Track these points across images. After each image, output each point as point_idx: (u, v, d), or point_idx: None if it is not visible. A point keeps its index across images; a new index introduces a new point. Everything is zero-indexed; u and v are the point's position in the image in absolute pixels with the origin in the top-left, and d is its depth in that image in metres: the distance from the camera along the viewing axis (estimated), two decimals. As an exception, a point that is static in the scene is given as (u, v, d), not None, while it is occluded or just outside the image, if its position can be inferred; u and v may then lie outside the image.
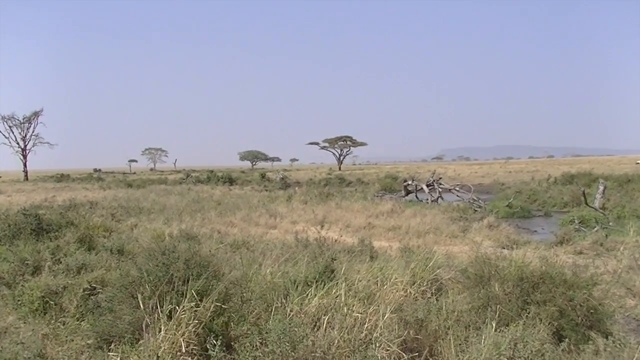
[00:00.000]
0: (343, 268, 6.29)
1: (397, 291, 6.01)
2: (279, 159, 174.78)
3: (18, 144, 77.77)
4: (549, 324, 4.92)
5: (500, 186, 38.11)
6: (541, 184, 34.57)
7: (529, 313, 5.08)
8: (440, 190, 26.62)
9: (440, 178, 29.08)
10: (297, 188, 35.64)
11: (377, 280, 6.19)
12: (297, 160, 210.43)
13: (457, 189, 27.25)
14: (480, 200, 24.34)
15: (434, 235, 13.91)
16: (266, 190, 36.00)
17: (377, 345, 4.39)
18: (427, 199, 25.85)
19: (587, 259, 9.76)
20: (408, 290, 6.12)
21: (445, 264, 7.39)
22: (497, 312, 5.05)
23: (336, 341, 4.40)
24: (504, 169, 67.10)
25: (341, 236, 10.69)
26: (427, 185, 27.18)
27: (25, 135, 78.05)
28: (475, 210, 21.03)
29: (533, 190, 28.69)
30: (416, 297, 6.09)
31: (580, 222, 15.77)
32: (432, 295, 6.12)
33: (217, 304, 4.93)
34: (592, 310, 5.20)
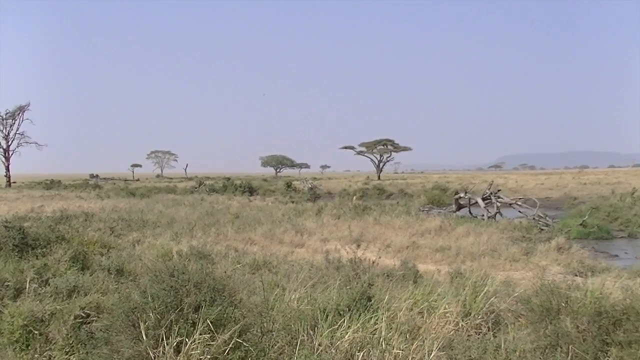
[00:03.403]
0: (385, 296, 6.22)
1: (445, 324, 5.92)
2: (307, 166, 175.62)
3: None
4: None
5: (572, 201, 37.32)
6: (624, 198, 33.53)
7: (608, 356, 4.93)
8: (498, 204, 26.19)
9: (498, 190, 28.62)
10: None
11: (422, 311, 6.12)
12: (328, 167, 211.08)
13: (519, 203, 26.77)
14: (547, 218, 23.84)
15: (491, 258, 13.70)
16: (292, 202, 36.15)
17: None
18: (483, 215, 25.47)
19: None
20: (459, 324, 6.02)
21: (504, 293, 7.25)
22: (569, 354, 4.92)
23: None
24: (576, 180, 65.61)
25: (380, 257, 10.62)
26: (483, 199, 26.78)
27: (8, 134, 76.28)
28: (541, 230, 20.63)
29: (613, 207, 27.91)
30: (469, 332, 5.99)
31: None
32: (488, 330, 6.01)
33: (234, 338, 4.92)
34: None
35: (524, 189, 52.63)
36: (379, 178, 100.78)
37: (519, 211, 26.00)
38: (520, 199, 28.07)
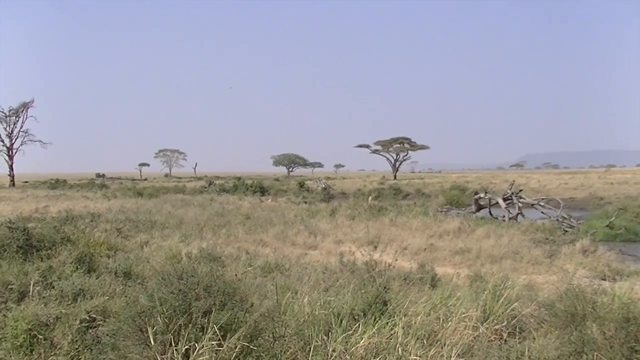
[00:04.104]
0: (402, 300, 6.20)
1: (465, 329, 5.89)
2: (320, 165, 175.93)
3: (2, 141, 76.05)
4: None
5: (598, 201, 36.99)
6: (653, 198, 33.25)
7: (637, 364, 4.86)
8: (520, 205, 26.00)
9: (520, 190, 28.43)
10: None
11: (440, 315, 6.08)
12: (342, 166, 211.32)
13: (542, 204, 26.56)
14: (571, 219, 23.64)
15: (512, 261, 13.61)
16: (305, 203, 36.16)
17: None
18: (504, 216, 25.29)
19: None
20: (479, 329, 5.97)
21: (527, 297, 7.19)
22: (595, 361, 4.86)
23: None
24: (603, 180, 65.04)
25: (396, 260, 10.58)
26: (504, 199, 26.61)
27: (12, 132, 76.12)
28: (566, 231, 20.45)
29: (642, 207, 27.60)
30: (489, 337, 5.95)
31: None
32: (509, 337, 5.97)
33: (244, 343, 4.93)
34: None
35: (547, 189, 52.26)
36: (395, 178, 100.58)
37: (542, 212, 25.81)
38: (543, 199, 27.86)
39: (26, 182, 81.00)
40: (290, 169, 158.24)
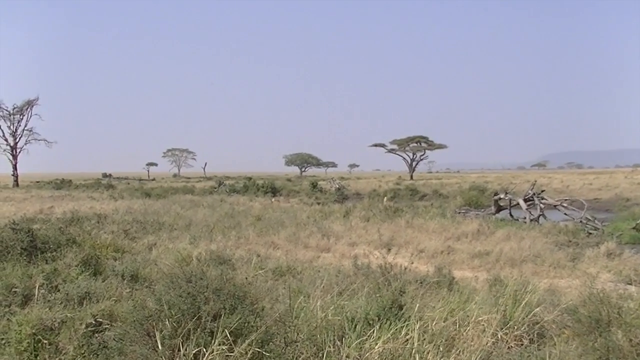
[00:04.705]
0: (418, 304, 6.18)
1: (483, 335, 5.86)
2: (334, 165, 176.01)
3: (6, 140, 75.83)
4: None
5: (624, 202, 36.62)
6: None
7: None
8: (542, 206, 25.82)
9: (542, 191, 28.22)
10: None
11: (458, 320, 6.06)
12: (357, 166, 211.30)
13: (565, 205, 26.34)
14: (596, 221, 23.41)
15: (534, 265, 13.55)
16: (318, 204, 36.16)
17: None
18: (525, 218, 25.14)
19: None
20: (498, 335, 5.94)
21: (548, 302, 7.15)
22: (620, 369, 4.81)
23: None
24: (629, 180, 64.40)
25: (412, 263, 10.56)
26: (525, 200, 26.44)
27: (16, 130, 75.94)
28: (590, 234, 20.28)
29: (671, 209, 27.35)
30: (509, 344, 5.92)
31: None
32: (530, 343, 5.93)
33: (256, 348, 4.94)
34: None
35: (570, 189, 51.91)
36: (411, 178, 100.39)
37: (565, 214, 25.60)
38: (566, 200, 27.62)
39: (38, 181, 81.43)
40: (303, 169, 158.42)
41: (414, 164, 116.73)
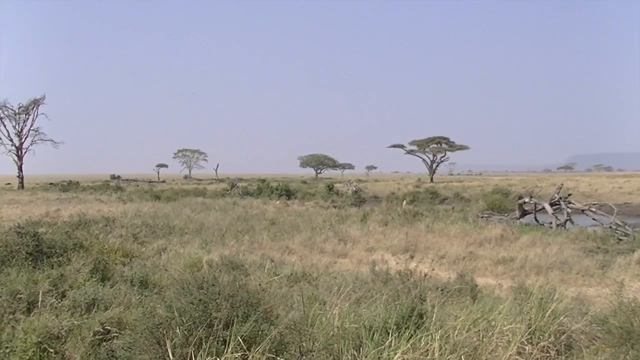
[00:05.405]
0: (439, 313, 6.14)
1: (508, 345, 5.81)
2: (351, 166, 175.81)
3: (11, 140, 74.53)
4: None
5: (657, 207, 36.19)
6: None
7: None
8: (569, 211, 25.62)
9: (569, 195, 28.00)
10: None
11: (480, 330, 6.02)
12: (375, 168, 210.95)
13: (593, 209, 26.09)
14: (626, 226, 23.15)
15: (560, 272, 13.47)
16: (334, 207, 36.22)
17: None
18: (551, 223, 24.94)
19: None
20: (524, 346, 5.89)
21: (576, 312, 7.07)
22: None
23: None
24: (661, 183, 63.65)
25: (433, 269, 10.52)
26: (551, 204, 26.25)
27: (21, 130, 74.81)
28: (620, 240, 20.05)
29: None
30: (535, 355, 5.86)
31: None
32: (557, 354, 5.87)
33: (270, 355, 4.94)
34: None
35: (599, 193, 51.45)
36: (431, 180, 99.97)
37: (593, 219, 25.36)
38: (594, 204, 27.35)
39: (53, 183, 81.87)
40: (319, 171, 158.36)
41: (434, 165, 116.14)
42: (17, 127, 74.93)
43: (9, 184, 78.04)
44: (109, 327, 6.41)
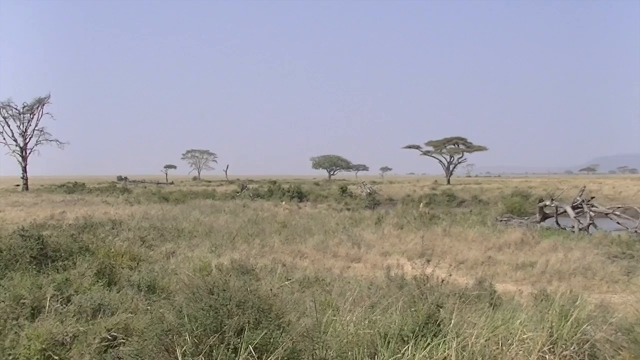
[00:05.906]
0: (456, 320, 6.11)
1: (528, 355, 5.77)
2: (365, 168, 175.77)
3: (15, 141, 74.61)
4: None
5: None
6: None
7: None
8: (592, 214, 25.44)
9: (592, 197, 27.82)
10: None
11: (500, 339, 5.98)
12: (389, 169, 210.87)
13: (618, 213, 25.92)
14: (652, 230, 22.97)
15: (583, 278, 13.39)
16: (348, 210, 36.21)
17: None
18: (573, 227, 24.78)
19: None
20: (546, 356, 5.84)
21: (600, 319, 7.00)
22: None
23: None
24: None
25: (450, 275, 10.48)
26: (573, 207, 26.08)
27: (26, 130, 74.89)
28: (645, 244, 19.87)
29: None
30: (557, 365, 5.81)
31: None
32: (580, 365, 5.81)
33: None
34: None
35: (623, 196, 51.02)
36: (448, 182, 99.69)
37: (617, 222, 25.20)
38: (618, 208, 27.17)
39: (63, 185, 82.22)
40: (332, 172, 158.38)
41: (451, 167, 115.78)
42: (21, 127, 75.22)
43: (18, 185, 77.70)
44: (115, 334, 6.40)
